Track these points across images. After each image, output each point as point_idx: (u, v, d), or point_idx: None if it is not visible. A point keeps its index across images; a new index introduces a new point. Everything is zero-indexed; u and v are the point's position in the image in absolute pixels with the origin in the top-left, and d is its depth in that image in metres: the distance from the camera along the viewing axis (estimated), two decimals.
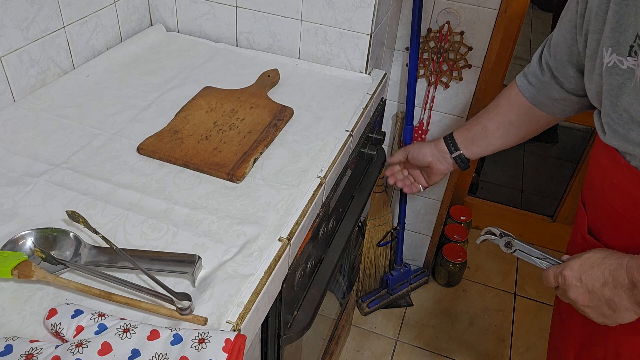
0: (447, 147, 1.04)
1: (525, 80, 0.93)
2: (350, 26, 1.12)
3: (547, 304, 1.97)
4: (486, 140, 1.00)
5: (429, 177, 1.12)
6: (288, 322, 0.85)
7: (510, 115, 0.96)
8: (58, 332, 0.59)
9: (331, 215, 0.97)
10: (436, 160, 1.06)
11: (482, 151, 1.02)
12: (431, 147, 1.07)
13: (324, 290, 0.91)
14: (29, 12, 0.94)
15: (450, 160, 1.05)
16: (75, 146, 0.88)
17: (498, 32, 1.45)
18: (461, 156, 1.03)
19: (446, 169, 1.07)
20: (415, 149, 1.09)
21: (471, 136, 1.01)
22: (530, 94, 0.92)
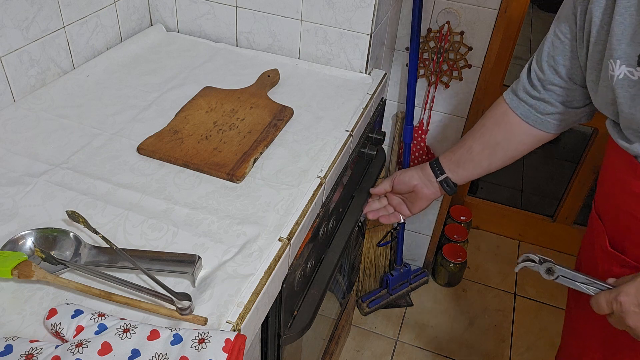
0: (433, 171, 1.00)
1: (515, 97, 0.90)
2: (350, 26, 1.12)
3: (547, 304, 1.97)
4: (472, 163, 0.96)
5: (413, 203, 1.06)
6: (288, 322, 0.85)
7: (497, 136, 0.93)
8: (58, 332, 0.59)
9: (331, 215, 0.97)
10: (422, 185, 1.02)
11: (468, 174, 0.98)
12: (417, 171, 1.03)
13: (324, 291, 0.91)
14: (29, 12, 0.94)
15: (436, 185, 1.01)
16: (75, 146, 0.88)
17: (498, 32, 1.45)
18: (447, 180, 0.99)
19: (432, 194, 1.02)
20: (401, 173, 1.05)
21: (456, 159, 0.98)
22: (521, 111, 0.89)
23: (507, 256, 2.16)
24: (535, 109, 0.88)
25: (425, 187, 1.02)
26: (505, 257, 2.16)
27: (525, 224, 2.17)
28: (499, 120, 0.93)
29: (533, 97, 0.87)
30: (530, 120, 0.89)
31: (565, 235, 2.12)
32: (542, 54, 0.84)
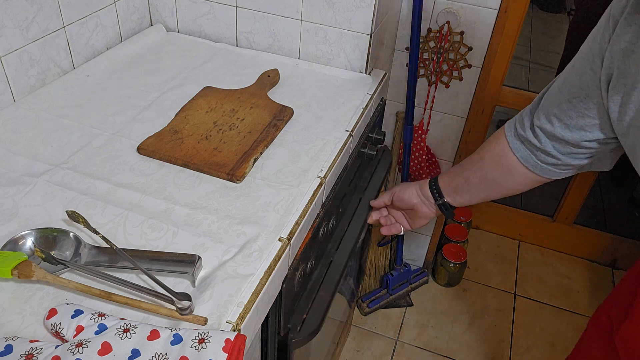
0: (432, 193, 0.98)
1: (518, 140, 0.84)
2: (350, 26, 1.12)
3: (547, 304, 1.97)
4: (470, 193, 0.94)
5: (413, 220, 1.05)
6: (297, 326, 0.84)
7: (493, 172, 0.89)
8: (58, 332, 0.59)
9: (331, 215, 0.97)
10: (421, 203, 1.00)
11: (465, 202, 0.96)
12: (416, 189, 1.01)
13: (334, 293, 0.90)
14: (29, 12, 0.94)
15: (435, 207, 0.99)
16: (75, 146, 0.88)
17: (498, 32, 1.45)
18: (445, 204, 0.97)
19: (432, 213, 1.01)
20: (401, 189, 1.03)
21: (454, 186, 0.96)
22: (522, 154, 0.84)
23: (507, 256, 2.16)
24: (536, 157, 0.83)
25: (424, 206, 1.00)
26: (505, 257, 2.16)
27: (525, 224, 2.17)
28: (497, 158, 0.88)
29: (537, 147, 0.81)
30: (530, 165, 0.84)
31: (565, 235, 2.12)
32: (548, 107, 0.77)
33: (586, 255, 2.16)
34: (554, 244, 2.16)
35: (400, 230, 1.08)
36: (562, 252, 2.17)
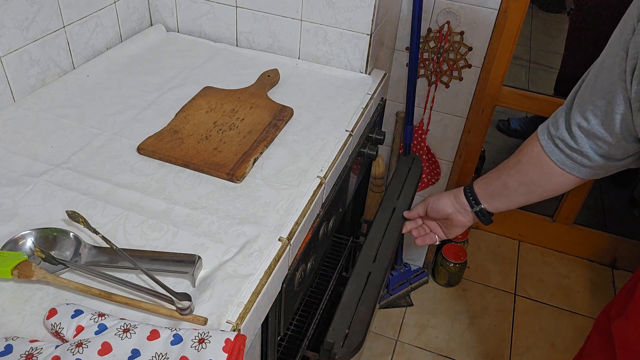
0: (467, 200, 0.96)
1: (551, 143, 0.82)
2: (350, 26, 1.12)
3: (547, 304, 1.97)
4: (508, 197, 0.92)
5: (449, 229, 1.02)
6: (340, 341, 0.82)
7: (533, 175, 0.87)
8: (58, 332, 0.59)
9: (331, 215, 0.97)
10: (457, 212, 0.98)
11: (504, 207, 0.94)
12: (451, 199, 0.98)
13: (374, 307, 0.88)
14: (29, 12, 0.94)
15: (471, 214, 0.97)
16: (75, 146, 0.88)
17: (498, 32, 1.45)
18: (482, 211, 0.95)
19: (468, 222, 0.98)
20: (435, 200, 1.00)
21: (491, 191, 0.94)
22: (557, 158, 0.82)
23: (507, 256, 2.16)
24: (572, 159, 0.81)
25: (460, 215, 0.98)
26: (505, 257, 2.16)
27: (525, 224, 2.17)
28: (534, 160, 0.86)
29: (572, 148, 0.79)
30: (567, 168, 0.82)
31: (565, 235, 2.12)
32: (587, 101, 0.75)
33: (586, 255, 2.16)
34: (554, 244, 2.16)
35: (435, 240, 1.05)
36: (562, 252, 2.17)
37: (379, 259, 0.96)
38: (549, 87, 2.72)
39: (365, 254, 0.97)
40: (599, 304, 1.98)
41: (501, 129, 2.71)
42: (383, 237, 1.02)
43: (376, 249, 0.98)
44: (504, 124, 2.69)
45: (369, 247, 0.99)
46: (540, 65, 3.22)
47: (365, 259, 0.96)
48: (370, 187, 1.70)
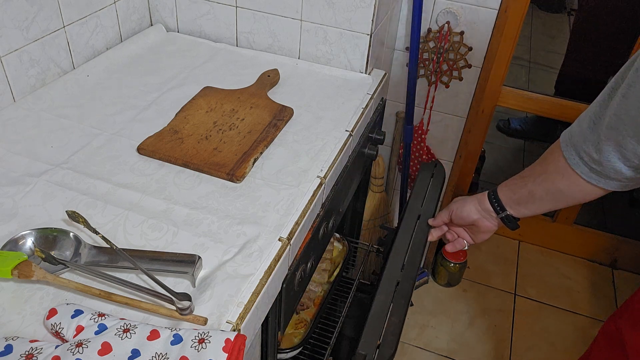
0: (492, 206, 0.94)
1: (577, 157, 0.79)
2: (350, 26, 1.12)
3: (548, 304, 1.97)
4: (534, 205, 0.90)
5: (475, 235, 1.01)
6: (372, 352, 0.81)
7: (559, 184, 0.84)
8: (58, 332, 0.59)
9: (331, 215, 0.97)
10: (482, 218, 0.96)
11: (530, 213, 0.93)
12: (475, 204, 0.97)
13: (404, 317, 0.87)
14: (29, 12, 0.94)
15: (497, 220, 0.96)
16: (75, 146, 0.88)
17: (498, 32, 1.45)
18: (509, 217, 0.94)
19: (494, 227, 0.97)
20: (459, 207, 0.99)
21: (517, 199, 0.92)
22: (582, 170, 0.79)
23: (507, 256, 2.16)
24: (599, 174, 0.78)
25: (486, 220, 0.97)
26: (506, 258, 2.16)
27: (525, 224, 2.16)
28: (561, 170, 0.83)
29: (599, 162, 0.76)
30: (593, 181, 0.79)
31: (565, 235, 2.12)
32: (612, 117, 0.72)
33: (586, 255, 2.15)
34: (554, 244, 2.16)
35: (464, 246, 1.04)
36: (562, 252, 2.17)
37: (406, 267, 0.94)
38: (549, 87, 2.72)
39: (392, 263, 0.95)
40: (600, 304, 1.98)
41: (501, 129, 2.71)
42: (409, 245, 0.99)
43: (403, 258, 0.96)
44: (504, 124, 2.69)
45: (396, 256, 0.96)
46: (540, 65, 3.22)
47: (392, 268, 0.94)
48: (370, 187, 1.70)
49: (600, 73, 2.18)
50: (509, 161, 2.65)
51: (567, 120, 1.71)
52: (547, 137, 2.71)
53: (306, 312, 1.22)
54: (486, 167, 2.56)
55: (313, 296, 1.23)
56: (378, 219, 1.77)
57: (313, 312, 1.23)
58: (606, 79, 2.19)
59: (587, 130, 0.77)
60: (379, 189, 1.72)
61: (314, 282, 1.25)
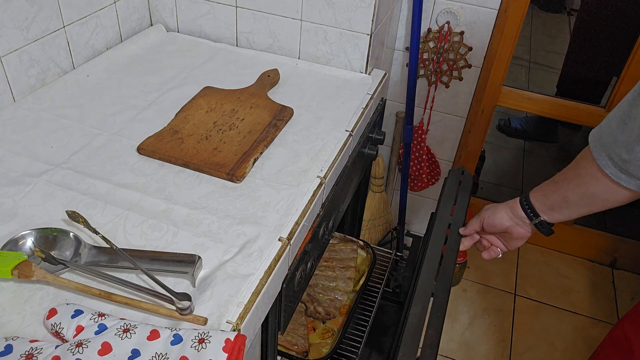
0: (525, 213, 0.93)
1: (607, 158, 0.78)
2: (350, 26, 1.12)
3: (547, 304, 1.97)
4: (568, 210, 0.89)
5: (508, 242, 1.00)
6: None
7: (594, 189, 0.83)
8: (58, 332, 0.59)
9: (331, 215, 0.97)
10: (515, 225, 0.95)
11: (565, 218, 0.91)
12: (507, 212, 0.95)
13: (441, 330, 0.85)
14: (29, 12, 0.94)
15: (530, 226, 0.94)
16: (75, 146, 0.88)
17: (498, 32, 1.45)
18: (542, 223, 0.92)
19: (528, 233, 0.95)
20: (490, 214, 0.97)
21: (550, 204, 0.90)
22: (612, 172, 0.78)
23: (507, 256, 2.16)
24: (629, 175, 0.76)
25: (519, 227, 0.95)
26: (506, 258, 2.16)
27: None
28: (594, 174, 0.81)
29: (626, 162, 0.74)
30: (623, 182, 0.78)
31: (565, 235, 2.12)
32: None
33: (586, 255, 2.16)
34: (554, 244, 2.16)
35: (498, 254, 1.03)
36: (562, 252, 2.17)
37: (440, 278, 0.92)
38: (549, 87, 2.72)
39: (425, 273, 0.92)
40: (599, 304, 1.98)
41: (501, 129, 2.71)
42: (442, 256, 0.97)
43: (436, 268, 0.94)
44: (504, 124, 2.69)
45: (429, 266, 0.94)
46: (540, 65, 3.22)
47: (425, 279, 0.91)
48: (370, 187, 1.70)
49: (601, 73, 2.18)
50: (509, 161, 2.65)
51: (567, 120, 1.72)
52: (548, 137, 2.71)
53: (332, 322, 1.20)
54: (486, 167, 2.56)
55: (339, 305, 1.21)
56: (378, 219, 1.77)
57: (340, 321, 1.21)
58: (607, 79, 2.19)
59: (616, 130, 0.76)
60: (379, 189, 1.72)
61: (339, 291, 1.23)
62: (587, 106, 1.68)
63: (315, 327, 1.19)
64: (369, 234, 1.77)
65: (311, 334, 1.17)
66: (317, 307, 1.19)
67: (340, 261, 1.29)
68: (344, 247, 1.34)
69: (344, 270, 1.27)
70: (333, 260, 1.29)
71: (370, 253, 1.36)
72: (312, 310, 1.19)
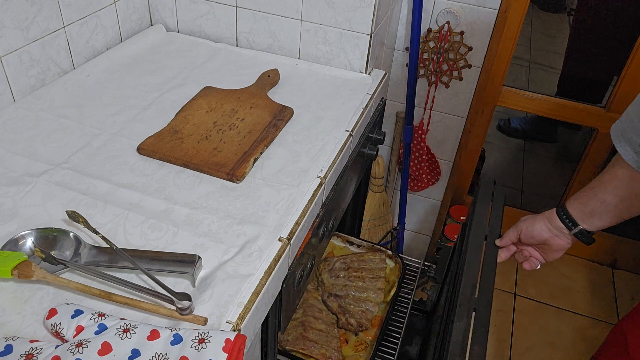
0: (563, 223, 0.92)
1: (632, 152, 0.78)
2: (350, 26, 1.12)
3: (547, 304, 1.97)
4: (609, 214, 0.88)
5: (547, 253, 0.99)
6: None
7: (635, 189, 0.82)
8: (58, 332, 0.59)
9: (331, 215, 0.97)
10: (554, 236, 0.94)
11: (605, 224, 0.90)
12: (545, 223, 0.94)
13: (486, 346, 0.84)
14: (29, 12, 0.94)
15: (570, 236, 0.93)
16: (75, 146, 0.88)
17: (498, 32, 1.45)
18: (582, 231, 0.91)
19: (567, 244, 0.95)
20: (527, 226, 0.96)
21: (589, 211, 0.89)
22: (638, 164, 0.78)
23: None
24: None
25: (558, 239, 0.95)
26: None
27: None
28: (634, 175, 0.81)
29: None
30: None
31: None
32: None
33: (586, 255, 2.16)
34: None
35: (537, 265, 1.01)
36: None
37: (481, 292, 0.91)
38: (549, 87, 2.72)
39: (465, 287, 0.91)
40: (599, 304, 1.98)
41: (501, 129, 2.71)
42: (481, 270, 0.96)
43: (475, 282, 0.93)
44: (505, 123, 2.69)
45: (468, 280, 0.92)
46: (540, 65, 3.22)
47: (465, 292, 0.90)
48: (370, 187, 1.70)
49: (600, 73, 2.18)
50: (509, 161, 2.65)
51: (567, 120, 1.72)
52: (547, 137, 2.71)
53: (365, 334, 1.18)
54: (486, 167, 2.56)
55: (370, 316, 1.19)
56: (378, 219, 1.77)
57: (373, 333, 1.19)
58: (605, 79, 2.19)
59: (635, 119, 0.75)
60: (379, 189, 1.72)
61: (370, 302, 1.21)
62: (587, 106, 1.68)
63: (348, 339, 1.17)
64: (369, 234, 1.77)
65: (344, 346, 1.15)
66: (349, 318, 1.17)
67: (370, 271, 1.27)
68: (373, 257, 1.31)
69: (374, 281, 1.25)
70: (362, 271, 1.27)
71: (398, 263, 1.33)
72: (344, 322, 1.17)
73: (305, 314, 1.16)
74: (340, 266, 1.28)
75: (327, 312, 1.20)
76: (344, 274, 1.26)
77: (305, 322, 1.14)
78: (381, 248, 1.35)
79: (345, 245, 1.38)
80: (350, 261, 1.29)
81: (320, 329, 1.14)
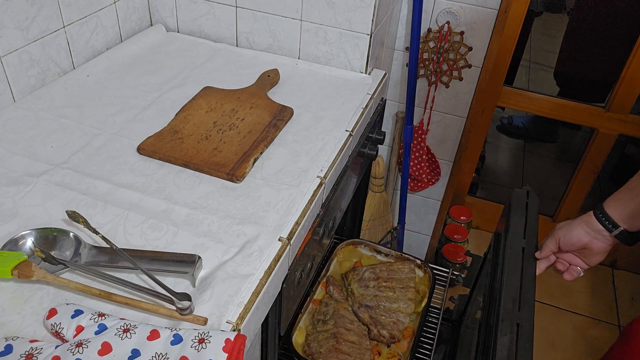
0: (603, 225, 0.90)
1: None
2: (350, 26, 1.12)
3: (547, 304, 1.97)
4: None
5: (588, 258, 0.96)
6: None
7: None
8: (58, 332, 0.59)
9: (331, 215, 0.97)
10: (593, 240, 0.92)
11: None
12: (583, 227, 0.92)
13: None
14: (29, 12, 0.94)
15: (611, 238, 0.91)
16: (75, 146, 0.88)
17: (498, 32, 1.45)
18: (623, 232, 0.89)
19: (608, 246, 0.92)
20: (565, 233, 0.94)
21: (629, 212, 0.88)
22: None
23: None
24: None
25: (598, 242, 0.92)
26: None
27: None
28: None
29: None
30: None
31: None
32: None
33: None
34: None
35: (580, 273, 0.99)
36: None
37: (523, 307, 0.89)
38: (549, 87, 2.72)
39: (506, 301, 0.90)
40: (599, 304, 1.98)
41: (502, 129, 2.71)
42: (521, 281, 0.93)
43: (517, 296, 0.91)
44: (507, 121, 2.69)
45: (508, 293, 0.91)
46: (540, 65, 3.22)
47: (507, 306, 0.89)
48: (370, 187, 1.70)
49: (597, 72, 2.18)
50: (509, 161, 2.65)
51: (567, 120, 1.72)
52: (548, 137, 2.71)
53: (397, 345, 1.16)
54: (486, 167, 2.56)
55: (401, 327, 1.16)
56: (378, 219, 1.77)
57: (405, 345, 1.16)
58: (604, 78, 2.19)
59: None
60: (379, 189, 1.72)
61: (400, 313, 1.19)
62: (587, 106, 1.68)
63: (380, 351, 1.15)
64: (369, 234, 1.77)
65: (377, 358, 1.13)
66: (381, 330, 1.15)
67: (400, 281, 1.25)
68: (402, 267, 1.29)
69: (404, 291, 1.23)
70: (392, 281, 1.25)
71: (428, 272, 1.31)
72: (376, 333, 1.15)
73: (336, 325, 1.13)
74: (369, 276, 1.25)
75: (358, 323, 1.17)
76: (374, 284, 1.23)
77: (337, 334, 1.11)
78: (410, 257, 1.33)
79: (372, 254, 1.36)
80: (379, 271, 1.26)
81: (353, 341, 1.12)
